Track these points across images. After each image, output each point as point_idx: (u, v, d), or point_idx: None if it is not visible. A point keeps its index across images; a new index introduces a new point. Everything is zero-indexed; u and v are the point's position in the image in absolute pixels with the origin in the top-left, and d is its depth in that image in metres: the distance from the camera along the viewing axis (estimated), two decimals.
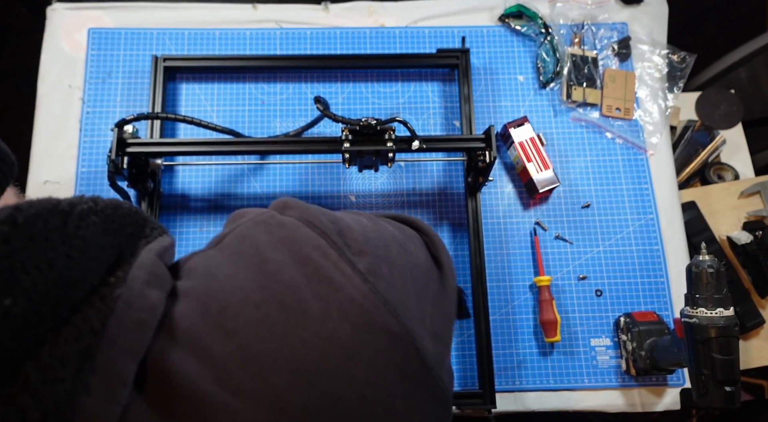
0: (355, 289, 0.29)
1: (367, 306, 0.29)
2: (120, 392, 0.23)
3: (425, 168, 0.92)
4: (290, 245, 0.31)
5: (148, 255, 0.28)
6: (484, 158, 0.78)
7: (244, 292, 0.28)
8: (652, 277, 0.88)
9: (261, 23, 0.98)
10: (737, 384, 0.62)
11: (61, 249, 0.24)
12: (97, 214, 0.27)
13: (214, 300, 0.28)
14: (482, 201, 0.90)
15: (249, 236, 0.32)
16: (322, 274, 0.30)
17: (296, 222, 0.32)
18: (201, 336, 0.26)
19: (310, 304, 0.28)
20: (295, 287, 0.29)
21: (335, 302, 0.29)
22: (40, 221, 0.23)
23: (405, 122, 0.72)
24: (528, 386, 0.83)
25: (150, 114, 0.78)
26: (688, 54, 0.99)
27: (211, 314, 0.27)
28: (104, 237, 0.27)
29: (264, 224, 0.33)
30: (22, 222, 0.22)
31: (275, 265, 0.30)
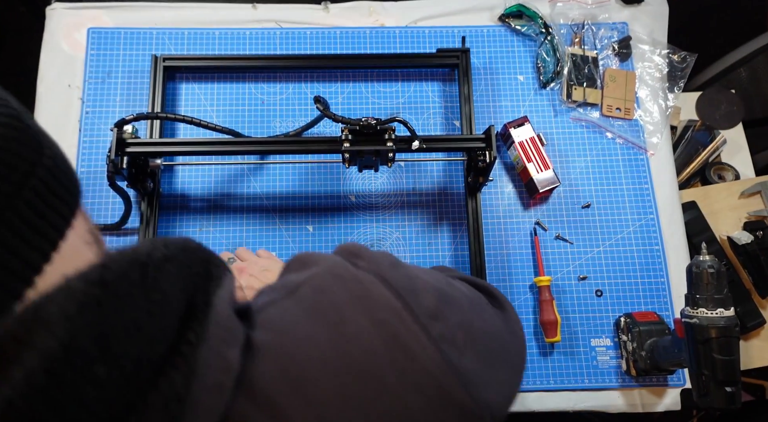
0: (429, 359, 0.30)
1: (441, 379, 0.30)
2: None
3: (425, 168, 0.92)
4: (367, 305, 0.31)
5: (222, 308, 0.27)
6: (484, 158, 0.78)
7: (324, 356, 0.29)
8: (653, 277, 0.88)
9: (261, 23, 0.98)
10: (738, 385, 0.62)
11: (144, 306, 0.22)
12: (171, 261, 0.26)
13: (293, 362, 0.28)
14: (482, 201, 0.89)
15: (327, 290, 0.32)
16: (399, 341, 0.30)
17: (372, 279, 0.33)
18: (281, 402, 0.26)
19: (387, 374, 0.29)
20: (373, 355, 0.29)
21: (410, 373, 0.29)
22: (125, 281, 0.22)
23: (405, 121, 0.71)
24: (528, 386, 0.83)
25: (150, 114, 0.78)
26: (688, 54, 0.99)
27: (290, 378, 0.27)
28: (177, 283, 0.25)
29: (341, 278, 0.33)
30: (112, 281, 0.21)
31: (354, 327, 0.30)
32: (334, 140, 0.75)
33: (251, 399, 0.26)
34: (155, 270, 0.24)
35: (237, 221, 0.88)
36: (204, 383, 0.23)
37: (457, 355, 0.31)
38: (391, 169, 0.87)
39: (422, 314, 0.32)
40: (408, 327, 0.31)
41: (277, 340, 0.29)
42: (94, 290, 0.21)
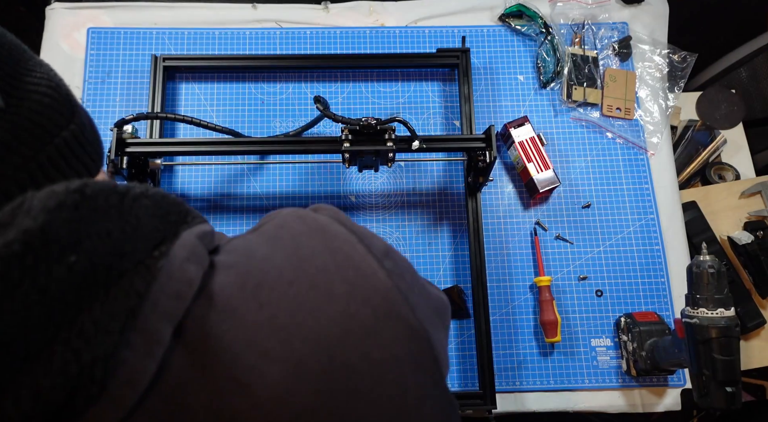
0: (379, 281, 0.33)
1: (390, 297, 0.32)
2: (156, 350, 0.26)
3: (425, 168, 0.92)
4: (323, 236, 0.34)
5: (188, 237, 0.31)
6: (485, 158, 0.78)
7: (279, 271, 0.32)
8: (653, 277, 0.88)
9: (261, 23, 0.98)
10: (738, 385, 0.62)
11: (117, 223, 0.27)
12: (149, 198, 0.30)
13: (251, 276, 0.31)
14: (482, 201, 0.89)
15: (286, 225, 0.36)
16: (351, 263, 0.33)
17: (330, 220, 0.36)
18: (237, 306, 0.29)
19: (338, 287, 0.31)
20: (325, 271, 0.32)
21: (360, 288, 0.32)
22: (102, 197, 0.26)
23: (405, 121, 0.71)
24: (528, 386, 0.83)
25: (149, 114, 0.78)
26: (688, 54, 0.98)
27: (247, 287, 0.30)
28: (152, 220, 0.29)
29: (301, 217, 0.37)
30: (90, 194, 0.25)
31: (309, 250, 0.33)
32: (334, 139, 0.75)
33: (209, 303, 0.29)
34: (132, 200, 0.28)
35: (237, 221, 0.88)
36: (163, 289, 0.27)
37: (405, 287, 0.34)
38: (391, 169, 0.87)
39: (375, 250, 0.35)
40: (361, 255, 0.33)
41: (237, 260, 0.32)
42: (73, 195, 0.25)
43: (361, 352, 0.30)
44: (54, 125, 0.29)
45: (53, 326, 0.23)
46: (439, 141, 0.78)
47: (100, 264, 0.25)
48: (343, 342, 0.30)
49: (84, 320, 0.24)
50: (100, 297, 0.25)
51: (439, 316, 0.39)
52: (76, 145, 0.30)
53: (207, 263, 0.31)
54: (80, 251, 0.24)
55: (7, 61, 0.28)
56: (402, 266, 0.36)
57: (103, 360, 0.24)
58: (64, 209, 0.24)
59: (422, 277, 0.43)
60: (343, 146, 0.72)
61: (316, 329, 0.30)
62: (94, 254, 0.25)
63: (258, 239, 0.35)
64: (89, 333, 0.24)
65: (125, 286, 0.26)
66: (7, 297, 0.21)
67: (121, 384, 0.25)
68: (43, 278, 0.22)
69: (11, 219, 0.22)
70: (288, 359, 0.28)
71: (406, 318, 0.32)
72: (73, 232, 0.24)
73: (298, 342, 0.29)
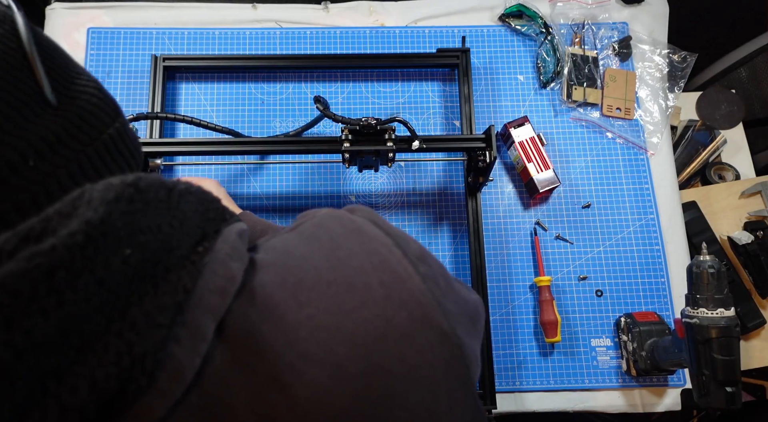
0: (414, 285, 0.33)
1: (424, 302, 0.32)
2: (200, 345, 0.26)
3: (425, 168, 0.92)
4: (360, 237, 0.35)
5: (230, 234, 0.31)
6: (485, 158, 0.78)
7: (318, 271, 0.32)
8: (653, 277, 0.88)
9: (261, 23, 0.98)
10: (738, 385, 0.62)
11: (166, 217, 0.28)
12: (192, 194, 0.31)
13: (291, 274, 0.32)
14: (482, 201, 0.89)
15: (324, 225, 0.36)
16: (387, 266, 0.33)
17: (366, 221, 0.36)
18: (277, 304, 0.30)
19: (375, 289, 0.32)
20: (363, 273, 0.32)
21: (396, 291, 0.32)
22: (153, 190, 0.27)
23: (405, 121, 0.71)
24: (528, 386, 0.83)
25: (149, 114, 0.78)
26: (688, 54, 0.98)
27: (287, 286, 0.31)
28: (195, 216, 0.30)
29: (338, 218, 0.37)
30: (143, 187, 0.26)
31: (347, 252, 0.33)
32: (334, 140, 0.75)
33: (250, 301, 0.29)
34: (179, 195, 0.29)
35: None
36: (208, 285, 0.28)
37: (439, 293, 0.34)
38: (391, 169, 0.87)
39: (410, 254, 0.35)
40: (398, 258, 0.34)
41: (277, 258, 0.33)
42: (129, 188, 0.25)
43: (398, 356, 0.30)
44: (101, 122, 0.31)
45: (107, 317, 0.24)
46: (439, 141, 0.78)
47: (151, 258, 0.26)
48: (380, 346, 0.30)
49: (135, 313, 0.25)
50: (149, 291, 0.26)
51: (473, 323, 0.39)
52: (120, 141, 0.32)
53: (247, 260, 0.31)
54: (134, 244, 0.25)
55: (60, 65, 0.30)
56: (436, 270, 0.36)
57: (153, 353, 0.25)
58: (121, 201, 0.25)
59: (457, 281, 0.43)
60: (343, 146, 0.72)
61: (354, 331, 0.30)
62: (146, 248, 0.26)
63: (296, 239, 0.35)
64: (141, 325, 0.25)
65: (173, 280, 0.27)
66: (69, 287, 0.22)
67: (169, 378, 0.25)
68: (102, 270, 0.23)
69: (73, 210, 0.23)
70: (327, 361, 0.29)
71: (440, 324, 0.32)
72: (129, 225, 0.25)
73: (336, 344, 0.29)
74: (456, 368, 0.33)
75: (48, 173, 0.26)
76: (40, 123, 0.27)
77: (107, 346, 0.23)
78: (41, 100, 0.27)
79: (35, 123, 0.26)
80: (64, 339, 0.22)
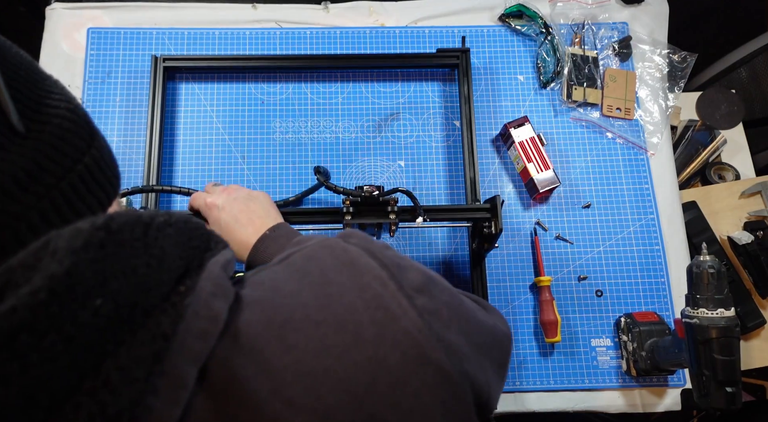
0: (410, 321, 0.31)
1: (420, 340, 0.31)
2: (181, 395, 0.25)
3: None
4: (352, 271, 0.33)
5: (214, 268, 0.29)
6: (490, 226, 0.75)
7: (307, 310, 0.30)
8: (653, 277, 0.88)
9: (261, 23, 0.98)
10: (738, 385, 0.62)
11: (143, 257, 0.25)
12: (172, 226, 0.29)
13: (278, 313, 0.30)
14: None
15: (315, 257, 0.34)
16: (380, 303, 0.31)
17: (359, 251, 0.34)
18: (263, 346, 0.28)
19: (366, 329, 0.30)
20: (353, 311, 0.31)
21: (390, 330, 0.30)
22: (128, 230, 0.25)
23: (409, 192, 0.69)
24: (528, 386, 0.83)
25: (144, 187, 0.73)
26: (688, 54, 0.98)
27: (274, 326, 0.29)
28: (176, 248, 0.28)
29: (330, 248, 0.35)
30: (115, 229, 0.24)
31: (338, 288, 0.32)
32: (336, 211, 0.72)
33: (235, 343, 0.28)
34: (157, 231, 0.27)
35: None
36: (190, 328, 0.26)
37: (439, 326, 0.32)
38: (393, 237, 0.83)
39: (407, 286, 0.33)
40: (392, 293, 0.32)
41: (264, 295, 0.31)
42: (99, 233, 0.23)
43: (390, 401, 0.29)
44: (76, 149, 0.28)
45: (78, 374, 0.22)
46: (443, 212, 0.76)
47: (126, 304, 0.24)
48: (372, 391, 0.29)
49: (110, 367, 0.23)
50: (126, 340, 0.24)
51: (487, 349, 0.37)
52: (97, 169, 0.29)
53: (232, 297, 0.30)
54: (106, 292, 0.23)
55: (27, 83, 0.27)
56: (440, 300, 0.34)
57: (128, 410, 0.23)
58: (90, 248, 0.23)
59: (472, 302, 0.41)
60: (345, 219, 0.70)
61: (344, 376, 0.28)
62: (120, 294, 0.24)
63: (285, 273, 0.34)
64: (115, 382, 0.23)
65: (152, 327, 0.25)
66: (33, 348, 0.20)
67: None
68: (69, 326, 0.21)
69: (36, 262, 0.21)
70: (314, 409, 0.27)
71: (438, 362, 0.31)
72: (99, 272, 0.23)
73: (325, 390, 0.28)
74: (456, 408, 0.32)
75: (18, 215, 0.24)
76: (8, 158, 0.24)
77: (78, 407, 0.21)
78: (7, 129, 0.24)
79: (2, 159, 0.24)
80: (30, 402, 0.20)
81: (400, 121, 0.94)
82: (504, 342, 0.42)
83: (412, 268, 0.35)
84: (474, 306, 0.41)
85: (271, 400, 0.27)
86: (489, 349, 0.38)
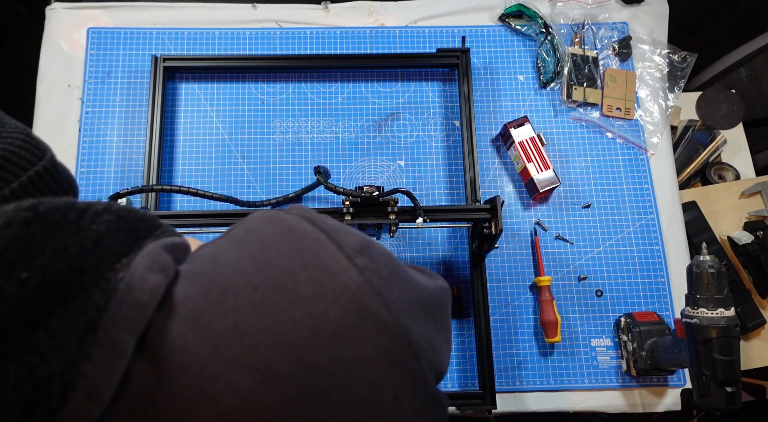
0: (349, 278, 0.32)
1: (360, 295, 0.31)
2: (118, 362, 0.26)
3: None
4: (291, 237, 0.34)
5: (153, 247, 0.31)
6: (490, 226, 0.75)
7: (245, 275, 0.31)
8: (653, 277, 0.88)
9: (261, 23, 0.98)
10: (738, 385, 0.62)
11: (76, 238, 0.27)
12: (111, 213, 0.30)
13: (216, 283, 0.31)
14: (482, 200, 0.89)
15: (254, 228, 0.35)
16: (318, 263, 0.32)
17: (298, 219, 0.35)
18: (202, 314, 0.29)
19: (305, 288, 0.31)
20: (291, 273, 0.31)
21: (329, 287, 0.31)
22: (59, 213, 0.27)
23: (409, 193, 0.69)
24: (528, 386, 0.83)
25: (144, 187, 0.73)
26: (688, 54, 0.98)
27: (213, 295, 0.30)
28: (117, 234, 0.30)
29: (269, 219, 0.36)
30: (43, 211, 0.26)
31: (276, 253, 0.32)
32: (337, 211, 0.72)
33: (172, 313, 0.29)
34: (93, 215, 0.29)
35: None
36: (124, 299, 0.27)
37: (380, 283, 0.33)
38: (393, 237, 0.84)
39: (347, 247, 0.34)
40: (331, 253, 0.33)
41: (203, 268, 0.32)
42: (24, 213, 0.25)
43: (331, 353, 0.30)
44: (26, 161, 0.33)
45: (8, 343, 0.23)
46: (443, 212, 0.76)
47: (57, 280, 0.25)
48: (312, 344, 0.29)
49: (40, 336, 0.24)
50: (57, 312, 0.25)
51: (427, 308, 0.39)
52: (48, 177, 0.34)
53: (173, 273, 0.31)
54: (32, 267, 0.24)
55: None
56: (379, 261, 0.35)
57: (60, 375, 0.24)
58: (13, 226, 0.25)
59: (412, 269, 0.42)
60: (345, 219, 0.70)
61: (283, 332, 0.29)
62: (48, 269, 0.25)
63: (225, 245, 0.35)
64: (44, 348, 0.24)
65: (83, 299, 0.26)
66: None
67: (83, 398, 0.24)
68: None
69: None
70: (254, 366, 0.28)
71: (378, 314, 0.32)
72: (24, 248, 0.24)
73: (264, 348, 0.28)
74: (400, 358, 0.32)
75: None
76: None
77: (5, 372, 0.23)
78: None
79: None
80: None
81: (400, 121, 0.94)
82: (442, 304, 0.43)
83: (351, 233, 0.36)
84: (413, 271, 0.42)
85: (212, 362, 0.28)
86: (431, 308, 0.39)
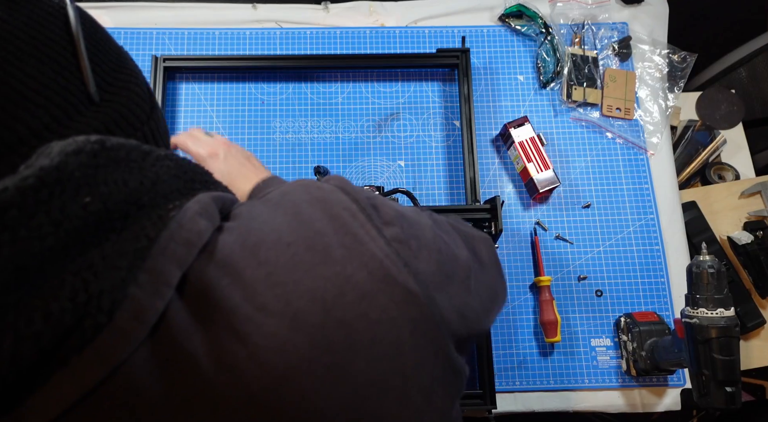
0: (378, 248, 0.33)
1: (386, 263, 0.33)
2: (164, 290, 0.27)
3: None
4: (324, 204, 0.35)
5: (204, 196, 0.32)
6: (490, 227, 0.75)
7: (279, 233, 0.33)
8: (653, 277, 0.88)
9: (261, 23, 0.98)
10: (738, 385, 0.62)
11: (137, 176, 0.29)
12: (172, 161, 0.32)
13: (252, 235, 0.32)
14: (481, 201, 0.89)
15: (289, 193, 0.37)
16: (349, 229, 0.33)
17: (333, 188, 0.37)
18: (237, 261, 0.31)
19: (335, 250, 0.32)
20: (323, 235, 0.33)
21: (357, 252, 0.32)
22: (123, 150, 0.29)
23: (409, 193, 0.69)
24: (528, 386, 0.83)
25: None
26: (688, 54, 0.99)
27: (248, 246, 0.32)
28: (175, 181, 0.32)
29: (305, 186, 0.38)
30: (110, 146, 0.28)
31: (308, 216, 0.34)
32: None
33: (210, 258, 0.30)
34: (155, 159, 0.31)
35: None
36: (173, 235, 0.29)
37: (408, 254, 0.34)
38: None
39: (377, 219, 0.35)
40: (361, 223, 0.34)
41: (240, 223, 0.34)
42: (93, 145, 0.27)
43: (358, 311, 0.31)
44: (137, 119, 0.33)
45: (66, 257, 0.25)
46: (443, 212, 0.75)
47: (115, 210, 0.27)
48: (340, 302, 0.31)
49: (94, 255, 0.26)
50: (111, 238, 0.27)
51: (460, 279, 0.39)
52: (150, 136, 0.34)
53: (218, 222, 0.32)
54: (95, 193, 0.26)
55: (106, 56, 0.32)
56: (409, 232, 0.36)
57: (110, 292, 0.26)
58: (81, 154, 0.26)
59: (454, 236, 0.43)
60: None
61: (312, 287, 0.30)
62: (109, 199, 0.27)
63: (262, 206, 0.36)
64: (98, 267, 0.26)
65: (136, 230, 0.28)
66: (22, 225, 0.23)
67: (128, 317, 0.26)
68: (57, 213, 0.24)
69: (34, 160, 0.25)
70: (284, 313, 0.29)
71: (405, 284, 0.33)
72: (89, 176, 0.26)
73: (294, 298, 0.30)
74: (425, 325, 0.33)
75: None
76: (82, 121, 0.29)
77: (63, 282, 0.25)
78: (86, 98, 0.29)
79: (78, 121, 0.28)
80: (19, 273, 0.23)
81: (400, 121, 0.94)
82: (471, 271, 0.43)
83: (386, 205, 0.37)
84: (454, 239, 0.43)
85: (244, 305, 0.29)
86: (465, 278, 0.40)
